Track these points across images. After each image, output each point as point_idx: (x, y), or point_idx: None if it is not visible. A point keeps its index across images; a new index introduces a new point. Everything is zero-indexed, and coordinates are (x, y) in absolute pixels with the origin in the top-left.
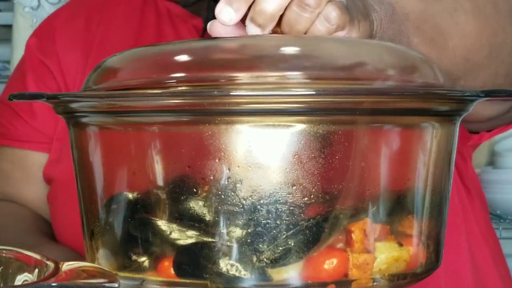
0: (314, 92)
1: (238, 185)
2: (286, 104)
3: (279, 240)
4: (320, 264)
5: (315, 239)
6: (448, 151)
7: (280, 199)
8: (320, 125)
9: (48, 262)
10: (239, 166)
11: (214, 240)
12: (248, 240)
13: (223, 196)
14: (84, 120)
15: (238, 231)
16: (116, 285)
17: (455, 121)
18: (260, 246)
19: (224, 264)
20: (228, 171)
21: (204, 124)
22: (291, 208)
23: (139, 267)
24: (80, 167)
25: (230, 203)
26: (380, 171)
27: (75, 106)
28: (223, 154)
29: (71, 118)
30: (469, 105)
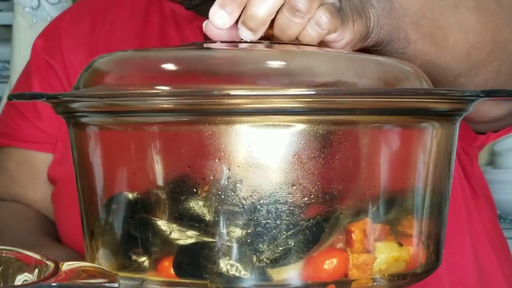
0: (314, 92)
1: (238, 185)
2: (286, 104)
3: (279, 240)
4: (320, 264)
5: (315, 239)
6: (448, 151)
7: (280, 199)
8: (320, 125)
9: (48, 262)
10: (239, 166)
11: (214, 240)
12: (248, 240)
13: (223, 196)
14: (84, 120)
15: (238, 231)
16: (116, 285)
17: (455, 121)
18: (260, 246)
19: (224, 264)
20: (228, 171)
21: (204, 124)
22: (291, 208)
23: (139, 267)
24: (80, 167)
25: (230, 203)
26: (380, 171)
27: (75, 106)
28: (223, 154)
29: (71, 118)
30: (469, 105)
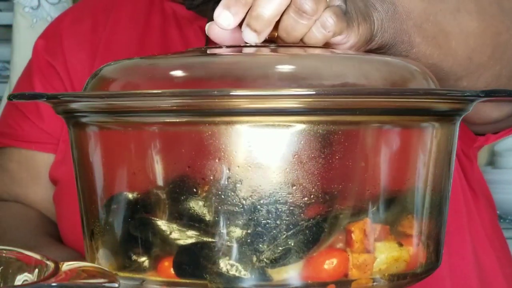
0: (314, 92)
1: (238, 185)
2: (286, 104)
3: (279, 240)
4: (320, 264)
5: (315, 239)
6: (448, 151)
7: (280, 199)
8: (320, 125)
9: (48, 262)
10: (239, 166)
11: (214, 240)
12: (248, 240)
13: (223, 196)
14: (84, 120)
15: (238, 231)
16: (116, 285)
17: (455, 121)
18: (260, 246)
19: (224, 264)
20: (228, 171)
21: (204, 124)
22: (291, 208)
23: (139, 267)
24: (80, 167)
25: (230, 203)
26: (380, 171)
27: (75, 106)
28: (223, 154)
29: (71, 118)
30: (469, 105)
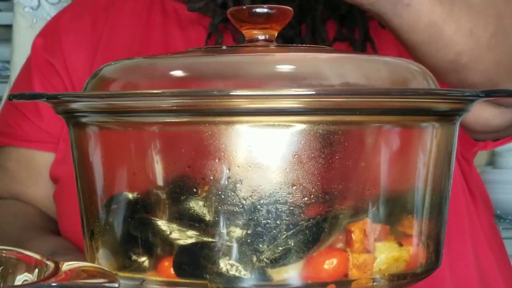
0: (314, 92)
1: (238, 185)
2: (286, 104)
3: (279, 240)
4: (320, 264)
5: (315, 239)
6: (448, 151)
7: (280, 199)
8: (320, 125)
9: (48, 262)
10: (239, 166)
11: (214, 240)
12: (248, 240)
13: (223, 196)
14: (84, 120)
15: (238, 231)
16: (116, 285)
17: (455, 121)
18: (260, 246)
19: (224, 264)
20: (228, 171)
21: (204, 124)
22: (291, 208)
23: (139, 267)
24: (80, 167)
25: (230, 203)
26: (380, 171)
27: (75, 106)
28: (223, 154)
29: (71, 118)
30: (469, 105)
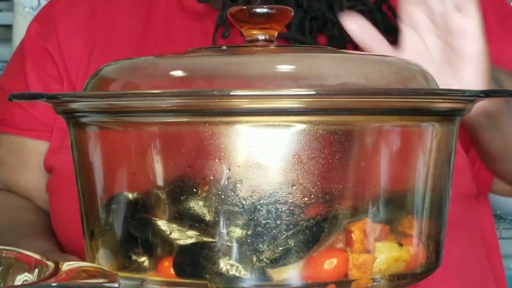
0: (314, 92)
1: (238, 185)
2: (286, 104)
3: (279, 240)
4: (320, 264)
5: (315, 239)
6: (448, 151)
7: (280, 199)
8: (320, 125)
9: (48, 262)
10: (239, 166)
11: (214, 240)
12: (248, 240)
13: (223, 196)
14: (84, 120)
15: (238, 231)
16: (116, 285)
17: (455, 121)
18: (260, 246)
19: (224, 264)
20: (228, 171)
21: (204, 124)
22: (291, 208)
23: (139, 267)
24: (80, 167)
25: (230, 203)
26: (380, 171)
27: (75, 106)
28: (223, 154)
29: (71, 118)
30: (469, 105)
